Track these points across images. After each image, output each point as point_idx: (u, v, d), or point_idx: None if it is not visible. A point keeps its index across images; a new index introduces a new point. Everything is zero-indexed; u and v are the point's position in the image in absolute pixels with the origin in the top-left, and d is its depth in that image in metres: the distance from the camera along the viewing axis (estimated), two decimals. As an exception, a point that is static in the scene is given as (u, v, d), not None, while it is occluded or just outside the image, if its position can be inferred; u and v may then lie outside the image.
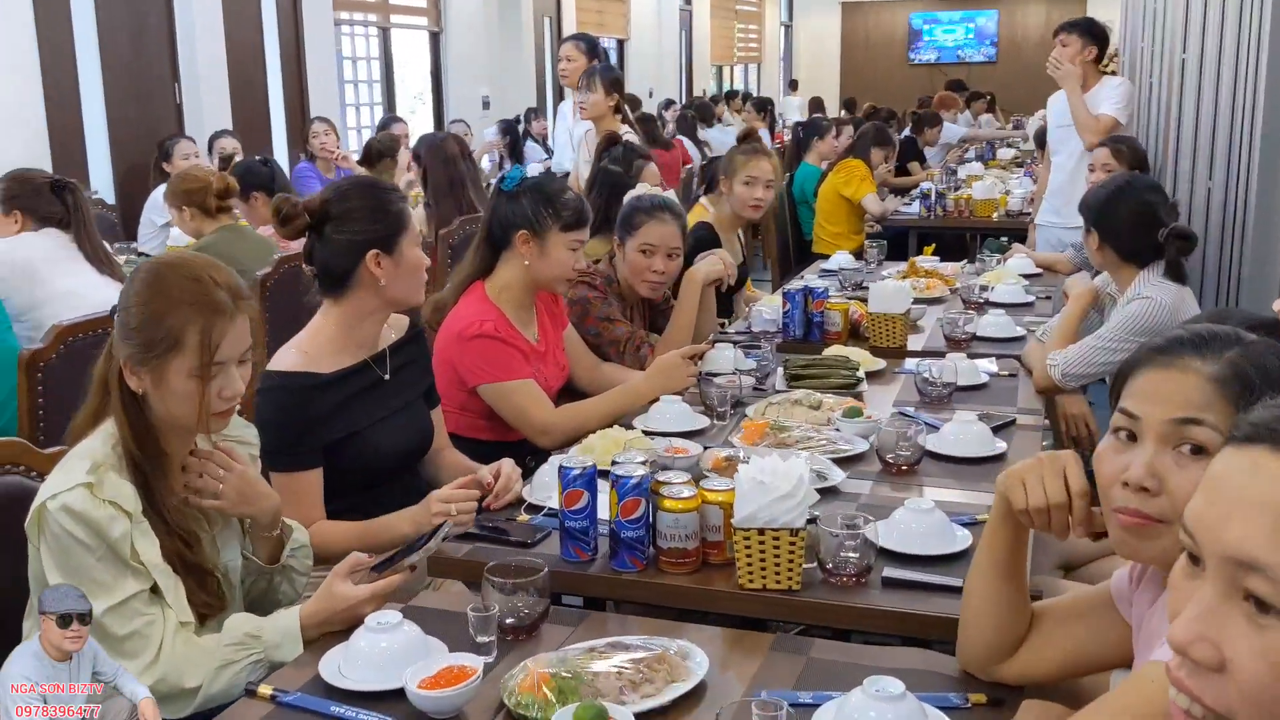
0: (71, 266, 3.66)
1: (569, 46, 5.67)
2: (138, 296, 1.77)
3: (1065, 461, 1.45)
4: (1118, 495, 1.30)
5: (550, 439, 2.74)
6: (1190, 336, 1.30)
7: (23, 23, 6.06)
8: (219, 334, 1.75)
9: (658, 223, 3.22)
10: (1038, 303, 4.12)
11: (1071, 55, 5.02)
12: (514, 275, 2.84)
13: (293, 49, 8.25)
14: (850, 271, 4.45)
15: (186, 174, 4.64)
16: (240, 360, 1.81)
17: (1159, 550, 1.28)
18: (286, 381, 2.23)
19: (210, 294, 1.76)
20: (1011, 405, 2.88)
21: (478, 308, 2.79)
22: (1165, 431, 1.27)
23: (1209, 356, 1.27)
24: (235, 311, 1.78)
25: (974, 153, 10.56)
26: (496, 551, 2.03)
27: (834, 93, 20.22)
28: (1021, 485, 1.46)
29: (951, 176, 8.18)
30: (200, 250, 4.27)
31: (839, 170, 6.77)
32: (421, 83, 10.80)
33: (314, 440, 2.23)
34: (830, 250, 6.67)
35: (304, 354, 2.29)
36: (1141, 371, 1.31)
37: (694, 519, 1.92)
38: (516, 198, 2.83)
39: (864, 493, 2.29)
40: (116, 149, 6.87)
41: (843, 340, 3.51)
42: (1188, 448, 1.25)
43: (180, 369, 1.74)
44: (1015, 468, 1.49)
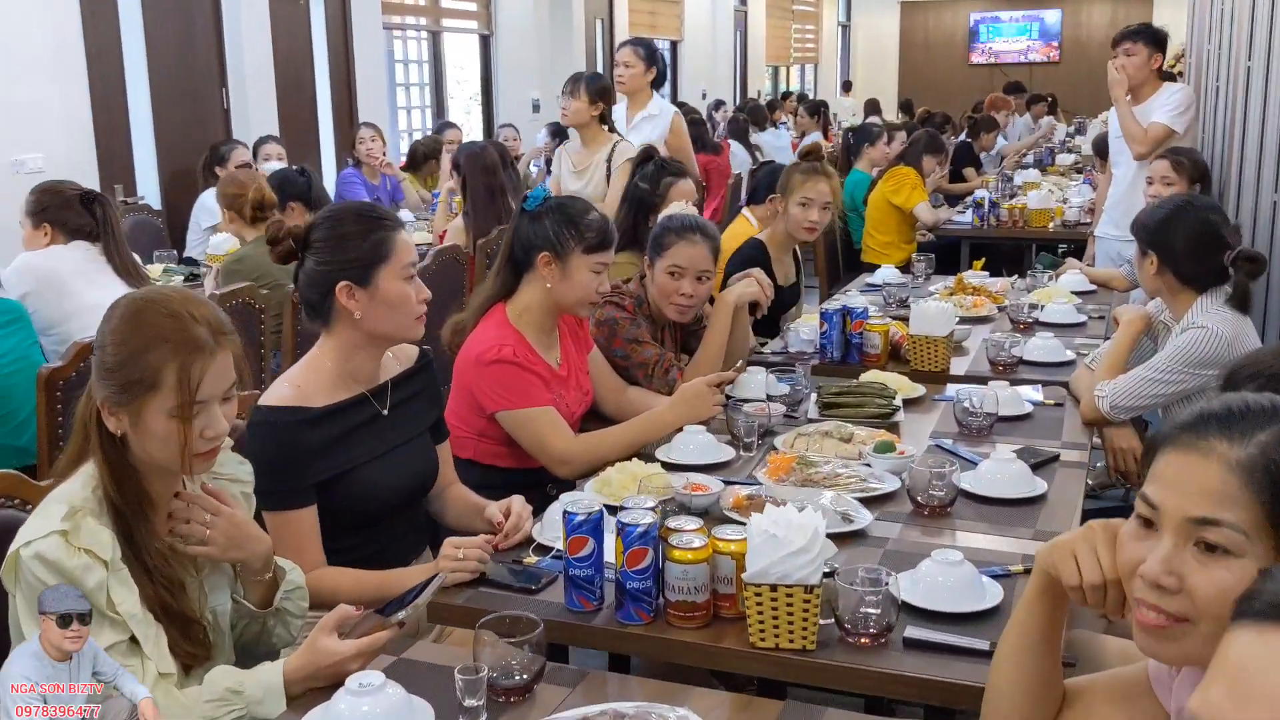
0: (100, 279, 3.63)
1: (627, 52, 5.62)
2: (113, 334, 1.69)
3: (1119, 532, 1.31)
4: (1137, 585, 1.18)
5: (569, 469, 2.65)
6: (1220, 412, 1.16)
7: (70, 26, 6.06)
8: (199, 372, 1.67)
9: (688, 244, 3.11)
10: (1090, 323, 3.95)
11: (1139, 64, 4.83)
12: (536, 297, 2.75)
13: (341, 53, 8.23)
14: (895, 287, 4.30)
15: (234, 178, 4.67)
16: (225, 398, 1.73)
17: (1180, 651, 1.15)
18: (275, 416, 2.14)
19: (188, 330, 1.68)
20: (1056, 439, 2.74)
21: (497, 332, 2.70)
22: (1183, 528, 1.14)
23: (1237, 438, 1.13)
24: (216, 348, 1.70)
25: (1032, 158, 10.31)
26: (498, 598, 1.94)
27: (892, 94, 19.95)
28: (1073, 558, 1.31)
29: (1007, 183, 7.97)
30: (236, 260, 4.25)
31: (889, 178, 6.60)
32: (475, 86, 10.77)
33: (305, 478, 2.13)
34: (879, 260, 6.52)
35: (296, 388, 2.20)
36: (1166, 451, 1.18)
37: (704, 571, 1.81)
38: (539, 218, 2.73)
39: (891, 537, 2.16)
40: (163, 153, 6.87)
41: (882, 363, 3.38)
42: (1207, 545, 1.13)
43: (159, 409, 1.66)
44: (1064, 539, 1.35)
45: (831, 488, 2.35)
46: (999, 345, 3.36)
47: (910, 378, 3.20)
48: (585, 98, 5.06)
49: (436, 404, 2.46)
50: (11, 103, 5.76)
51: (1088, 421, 2.90)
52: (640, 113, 5.64)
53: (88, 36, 6.17)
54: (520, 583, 1.99)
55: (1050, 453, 2.60)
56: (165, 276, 4.94)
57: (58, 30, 6.01)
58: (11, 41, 5.74)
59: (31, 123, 5.87)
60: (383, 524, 2.27)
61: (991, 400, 2.78)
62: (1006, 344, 3.36)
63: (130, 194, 6.57)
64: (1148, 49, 4.86)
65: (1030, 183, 7.77)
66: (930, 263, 4.90)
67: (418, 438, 2.36)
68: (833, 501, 2.22)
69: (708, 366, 3.04)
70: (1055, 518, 2.24)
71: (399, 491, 2.29)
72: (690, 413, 2.69)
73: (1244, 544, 1.10)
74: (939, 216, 6.62)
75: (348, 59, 8.27)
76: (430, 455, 2.39)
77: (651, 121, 5.60)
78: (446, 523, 2.42)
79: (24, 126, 5.83)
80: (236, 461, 1.95)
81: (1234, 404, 1.16)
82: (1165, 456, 1.18)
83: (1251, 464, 1.11)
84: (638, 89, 5.61)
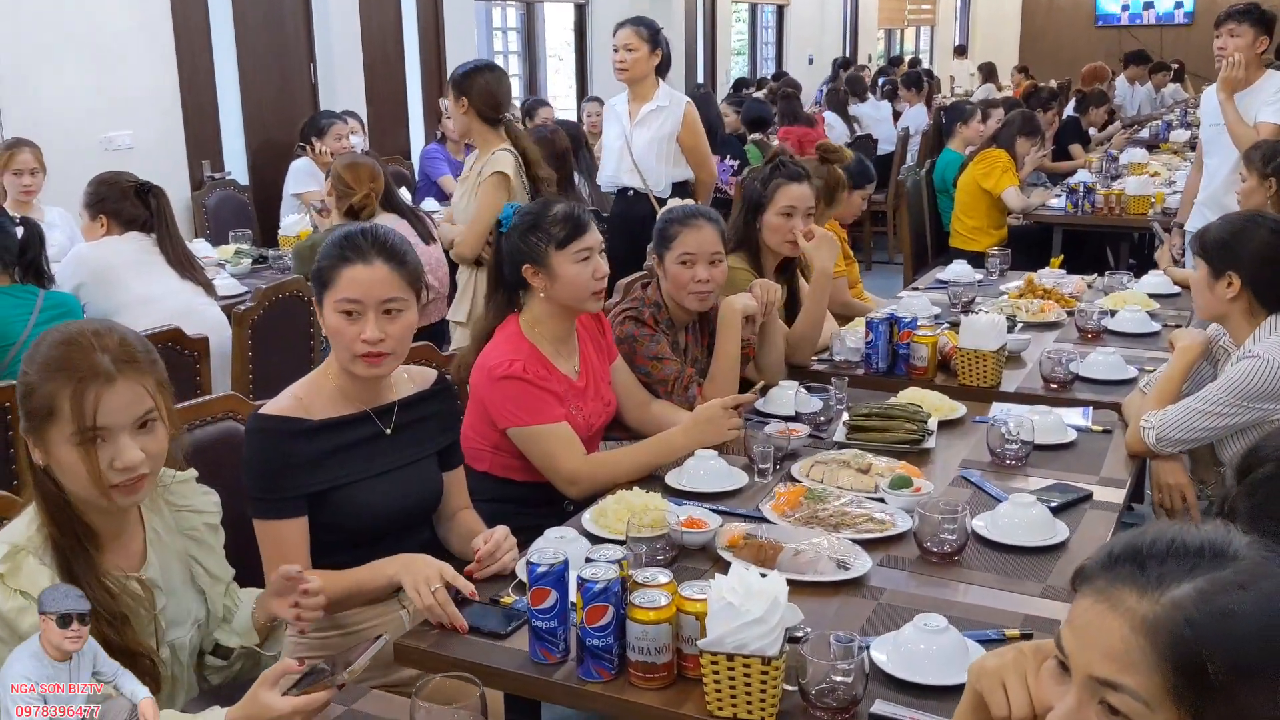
0: (152, 272, 3.68)
1: (627, 33, 4.92)
2: (24, 365, 1.70)
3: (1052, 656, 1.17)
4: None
5: (578, 489, 2.60)
6: (1138, 554, 1.02)
7: (158, 2, 6.17)
8: (93, 400, 1.65)
9: (693, 230, 3.02)
10: (1165, 333, 3.71)
11: (1243, 48, 4.50)
12: (540, 307, 2.71)
13: (431, 25, 8.23)
14: (961, 287, 4.11)
15: (356, 170, 4.29)
16: (141, 425, 1.70)
17: None
18: (269, 425, 2.14)
19: (85, 358, 1.66)
20: (1095, 473, 2.58)
21: (510, 345, 2.65)
22: (1088, 685, 1.02)
23: (1150, 591, 0.99)
24: (116, 375, 1.67)
25: (1147, 133, 9.85)
26: (463, 642, 1.90)
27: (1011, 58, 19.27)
28: (1002, 688, 1.19)
29: (1112, 163, 7.62)
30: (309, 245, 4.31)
31: (980, 160, 6.35)
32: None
33: (295, 488, 2.11)
34: (967, 245, 6.32)
35: (297, 399, 2.18)
36: (1082, 592, 1.06)
37: (666, 631, 1.74)
38: (510, 235, 2.71)
39: (888, 588, 2.06)
40: (250, 129, 6.97)
41: (930, 375, 3.24)
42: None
43: (60, 438, 1.66)
44: (994, 663, 1.22)
45: (838, 527, 2.25)
46: (1054, 360, 3.18)
47: (958, 393, 3.06)
48: (468, 105, 4.16)
49: (449, 430, 2.40)
50: (101, 80, 5.90)
51: (1133, 453, 2.73)
52: (646, 105, 4.99)
53: (176, 12, 6.27)
54: (489, 626, 1.93)
55: (1082, 491, 2.44)
56: (237, 258, 5.00)
57: (146, 7, 6.12)
58: (101, 19, 5.86)
59: (121, 100, 6.00)
60: (379, 545, 2.23)
61: (1028, 428, 2.64)
62: (1063, 359, 3.19)
63: (217, 169, 6.68)
64: (1254, 31, 4.53)
65: (1136, 164, 7.42)
66: (1006, 258, 4.68)
67: (421, 461, 2.31)
68: (831, 547, 2.12)
69: (724, 379, 2.94)
70: (1069, 571, 2.09)
71: (393, 513, 2.24)
72: (704, 437, 2.60)
73: (1145, 714, 0.98)
74: (1029, 202, 6.34)
75: (438, 31, 8.27)
76: (433, 480, 2.34)
77: (661, 114, 4.99)
78: (451, 549, 2.38)
79: (113, 104, 5.97)
80: (201, 492, 1.94)
81: (1159, 544, 1.02)
82: (1080, 600, 1.06)
83: (1158, 625, 0.98)
84: (641, 76, 4.94)
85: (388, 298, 2.12)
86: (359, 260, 2.12)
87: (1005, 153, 6.31)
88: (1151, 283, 4.25)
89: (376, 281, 2.11)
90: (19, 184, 4.83)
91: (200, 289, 3.80)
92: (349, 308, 2.12)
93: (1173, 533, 1.03)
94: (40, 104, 5.57)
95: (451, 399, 2.41)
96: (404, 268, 2.15)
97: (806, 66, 14.81)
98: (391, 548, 2.23)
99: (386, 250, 2.14)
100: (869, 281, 8.77)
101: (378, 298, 2.11)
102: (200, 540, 1.93)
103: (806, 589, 2.02)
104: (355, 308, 2.12)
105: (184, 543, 1.91)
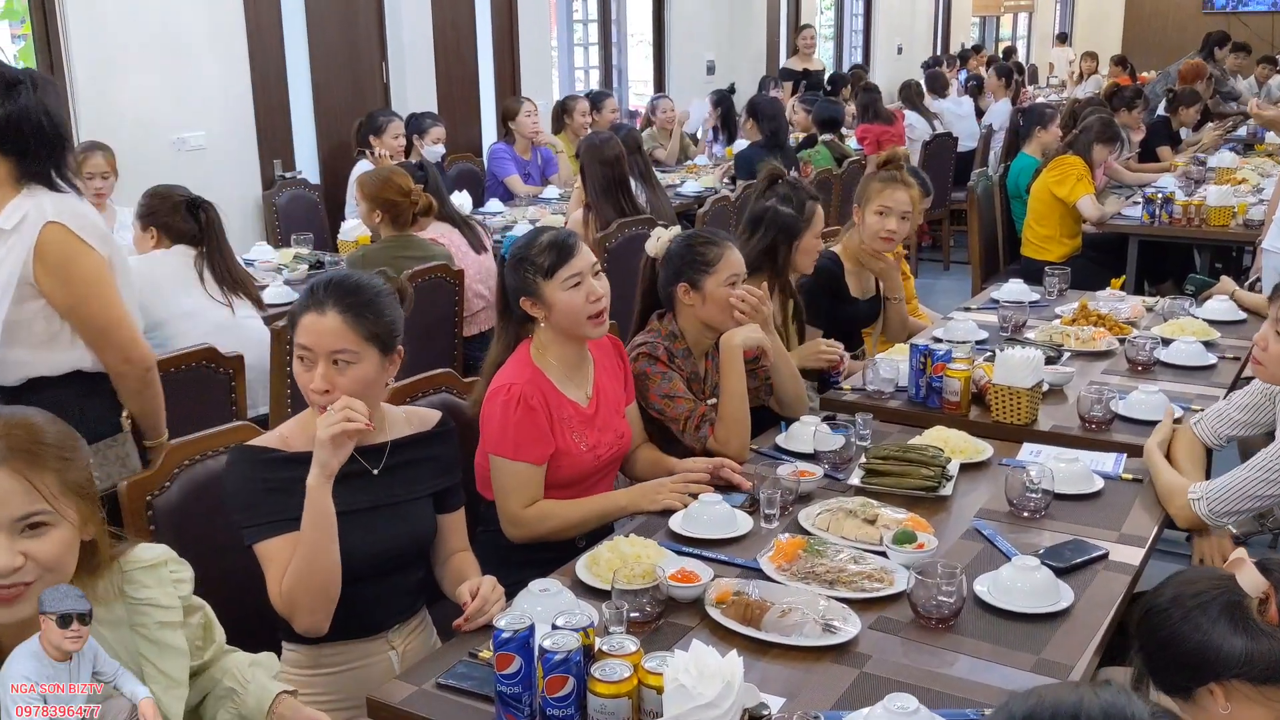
0: (196, 287, 3.73)
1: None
2: None
3: None
4: None
5: (517, 532, 2.65)
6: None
7: (231, 2, 6.27)
8: None
9: (732, 251, 3.06)
10: (1221, 366, 3.56)
11: None
12: (545, 335, 2.71)
13: (505, 25, 8.23)
14: (1012, 310, 3.99)
15: (392, 180, 4.43)
16: (29, 526, 1.50)
17: None
18: (244, 455, 2.19)
19: None
20: (1116, 528, 2.49)
21: (514, 369, 2.66)
22: None
23: None
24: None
25: (1246, 130, 9.47)
26: (439, 701, 1.90)
27: (1114, 45, 18.70)
28: None
29: (1200, 167, 7.34)
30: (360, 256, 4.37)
31: (1054, 167, 6.16)
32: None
33: (279, 509, 2.12)
34: (1039, 255, 6.15)
35: (280, 435, 2.23)
36: None
37: (625, 705, 1.72)
38: (506, 269, 2.73)
39: (873, 655, 2.00)
40: (322, 127, 7.05)
41: (964, 410, 3.16)
42: None
43: None
44: None
45: (833, 584, 2.20)
46: (1094, 397, 3.07)
47: (990, 430, 2.98)
48: None
49: (448, 473, 2.38)
50: (173, 80, 6.01)
51: (1186, 527, 2.61)
52: None
53: (248, 11, 6.37)
54: (463, 685, 1.93)
55: (1097, 550, 2.35)
56: (295, 263, 5.08)
57: (219, 7, 6.22)
58: (173, 19, 5.97)
59: (193, 100, 6.12)
60: (362, 584, 2.22)
61: (1049, 478, 2.55)
62: (1103, 396, 3.07)
63: (289, 169, 6.78)
64: None
65: (1225, 169, 7.13)
66: (1065, 277, 4.52)
67: (412, 503, 2.31)
68: (821, 608, 2.07)
69: (733, 421, 2.88)
70: (1067, 644, 2.03)
71: (372, 556, 2.22)
72: (641, 502, 2.65)
73: None
74: (1105, 211, 6.13)
75: (511, 29, 8.28)
76: (423, 522, 2.33)
77: None
78: (445, 591, 2.38)
79: (186, 104, 6.08)
80: (169, 579, 1.72)
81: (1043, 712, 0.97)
82: None
83: None
84: None
85: (337, 349, 2.14)
86: (314, 309, 2.16)
87: (1081, 160, 6.11)
88: (1216, 308, 4.06)
89: (326, 331, 2.14)
90: (91, 188, 4.94)
91: (246, 302, 3.85)
92: (301, 354, 2.17)
93: (1071, 709, 0.97)
94: (114, 106, 5.70)
95: (452, 442, 2.41)
96: (362, 320, 2.15)
97: (895, 56, 14.54)
98: (375, 589, 2.24)
99: (345, 302, 2.15)
100: (947, 282, 8.64)
101: (327, 348, 2.14)
102: (153, 640, 1.68)
103: (789, 653, 1.99)
104: (307, 355, 2.16)
105: (134, 640, 1.67)
